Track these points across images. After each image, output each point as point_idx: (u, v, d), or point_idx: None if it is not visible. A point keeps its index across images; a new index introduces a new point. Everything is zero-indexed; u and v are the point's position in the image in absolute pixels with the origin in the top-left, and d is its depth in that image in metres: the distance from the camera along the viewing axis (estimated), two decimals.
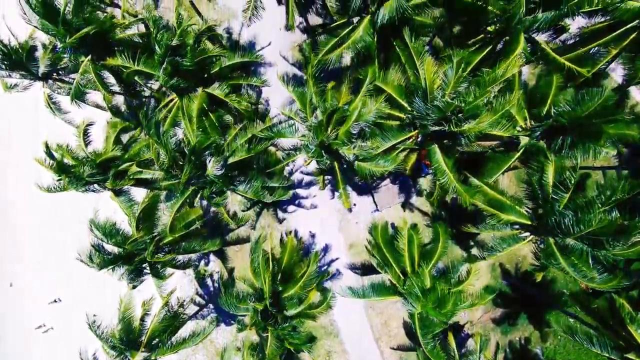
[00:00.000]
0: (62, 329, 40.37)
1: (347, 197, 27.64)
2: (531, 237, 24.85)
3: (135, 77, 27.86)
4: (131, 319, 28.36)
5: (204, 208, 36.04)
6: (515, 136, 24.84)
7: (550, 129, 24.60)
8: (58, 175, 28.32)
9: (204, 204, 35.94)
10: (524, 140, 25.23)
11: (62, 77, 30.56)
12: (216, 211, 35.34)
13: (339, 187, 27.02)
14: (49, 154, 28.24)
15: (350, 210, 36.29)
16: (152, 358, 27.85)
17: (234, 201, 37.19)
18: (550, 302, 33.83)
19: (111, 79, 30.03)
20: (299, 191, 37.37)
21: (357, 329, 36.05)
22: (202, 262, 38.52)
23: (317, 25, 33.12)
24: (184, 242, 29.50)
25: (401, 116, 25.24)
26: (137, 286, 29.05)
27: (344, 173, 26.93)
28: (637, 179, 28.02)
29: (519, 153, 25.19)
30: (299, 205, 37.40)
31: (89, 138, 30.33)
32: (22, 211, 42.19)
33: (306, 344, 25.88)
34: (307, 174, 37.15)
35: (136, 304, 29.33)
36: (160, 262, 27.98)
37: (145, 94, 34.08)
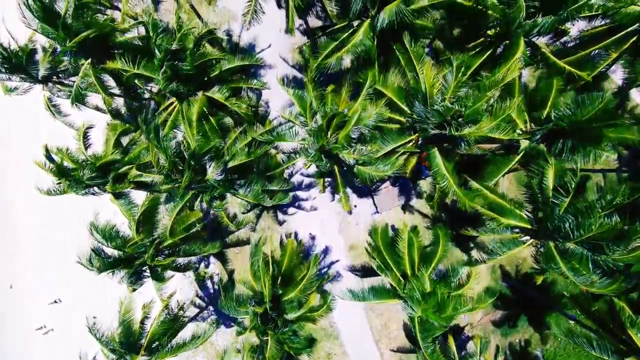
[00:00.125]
0: (62, 330, 40.29)
1: (347, 200, 27.62)
2: (531, 240, 24.82)
3: (135, 81, 27.80)
4: (131, 322, 28.31)
5: (204, 211, 35.98)
6: (516, 139, 24.82)
7: (550, 132, 24.59)
8: (58, 179, 28.30)
9: (203, 207, 35.92)
10: (524, 143, 25.20)
11: (62, 80, 30.55)
12: (216, 214, 35.31)
13: (339, 190, 27.00)
14: (49, 157, 28.22)
15: (350, 212, 36.28)
16: None
17: (234, 203, 37.15)
18: (550, 304, 33.80)
19: (111, 82, 29.99)
20: (299, 193, 37.35)
21: (357, 331, 36.00)
22: (202, 264, 38.48)
23: (317, 27, 33.05)
24: (184, 245, 29.50)
25: (401, 120, 25.18)
26: (137, 289, 29.02)
27: (344, 176, 26.89)
28: (637, 182, 28.11)
29: (519, 156, 25.14)
30: (299, 207, 37.39)
31: (88, 141, 30.28)
32: (22, 211, 42.05)
33: (306, 348, 25.87)
34: (307, 176, 37.12)
35: (136, 305, 29.18)
36: (160, 265, 27.94)
37: (146, 96, 34.07)
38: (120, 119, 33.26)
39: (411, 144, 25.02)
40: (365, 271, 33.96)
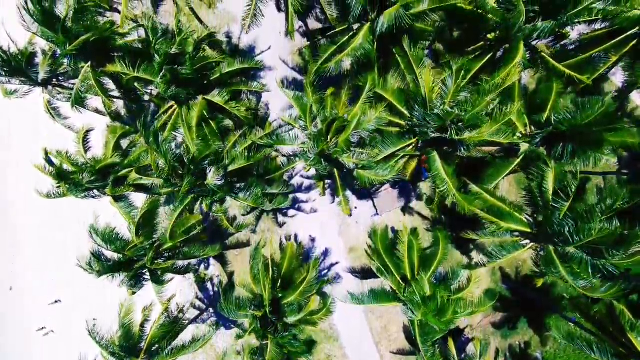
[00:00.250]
0: (62, 330, 40.28)
1: (347, 203, 27.59)
2: (531, 244, 24.78)
3: (135, 84, 27.74)
4: (131, 325, 28.29)
5: (204, 213, 35.96)
6: (516, 143, 24.79)
7: (550, 135, 24.55)
8: (57, 182, 28.27)
9: (203, 209, 35.91)
10: (524, 146, 25.14)
11: (62, 83, 30.46)
12: (216, 216, 35.28)
13: (339, 193, 26.97)
14: (48, 160, 28.18)
15: (350, 215, 36.26)
16: None
17: (233, 205, 37.08)
18: (550, 306, 33.77)
19: (111, 85, 29.94)
20: (299, 195, 37.31)
21: (357, 333, 35.99)
22: (202, 266, 38.47)
23: (317, 29, 32.97)
24: (183, 248, 29.46)
25: (401, 123, 25.15)
26: (137, 292, 28.98)
27: (344, 179, 26.84)
28: (637, 184, 28.04)
29: (519, 159, 25.13)
30: (299, 209, 37.35)
31: (88, 144, 30.23)
32: (22, 211, 41.98)
33: (306, 353, 25.86)
34: (307, 178, 37.08)
35: (136, 307, 29.16)
36: (160, 269, 27.91)
37: (145, 98, 34.02)
38: (120, 121, 33.23)
39: (411, 147, 24.98)
40: (365, 273, 33.96)
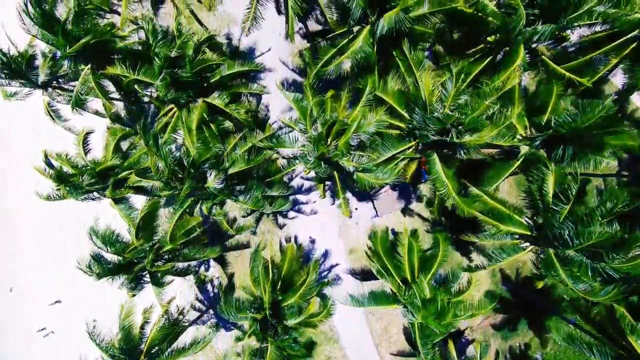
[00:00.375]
0: (62, 330, 40.28)
1: (347, 205, 27.57)
2: (531, 247, 24.77)
3: (135, 86, 27.72)
4: (131, 327, 28.25)
5: (204, 215, 35.99)
6: (516, 145, 24.77)
7: (550, 137, 24.53)
8: (57, 185, 28.26)
9: (203, 211, 35.92)
10: (524, 149, 25.13)
11: (62, 85, 30.41)
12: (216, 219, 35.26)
13: (338, 196, 26.96)
14: (48, 163, 28.18)
15: (350, 216, 36.24)
16: None
17: (233, 207, 37.11)
18: (550, 307, 33.76)
19: (111, 87, 29.92)
20: (299, 197, 37.29)
21: (357, 334, 35.98)
22: (202, 267, 38.44)
23: (317, 31, 32.92)
24: (183, 250, 29.46)
25: (401, 126, 25.12)
26: (137, 294, 28.97)
27: (344, 182, 26.83)
28: (637, 187, 28.04)
29: (519, 162, 25.12)
30: (299, 211, 37.32)
31: (88, 146, 30.22)
32: (22, 211, 41.91)
33: (306, 357, 25.85)
34: (307, 179, 37.05)
35: (137, 308, 28.93)
36: (160, 271, 27.92)
37: (145, 99, 33.99)
38: (120, 122, 33.19)
39: (411, 150, 24.95)
40: (365, 275, 34.00)
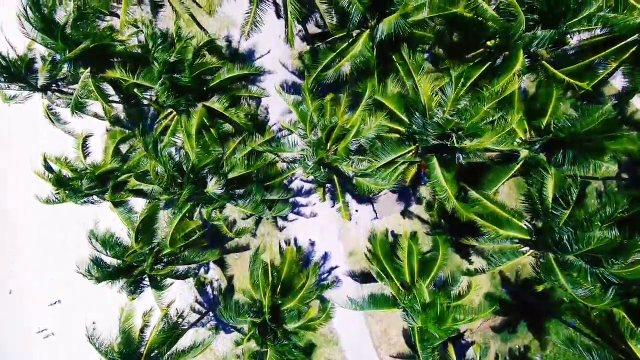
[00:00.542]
0: (62, 330, 40.28)
1: (347, 209, 27.56)
2: (531, 251, 24.77)
3: (135, 90, 27.67)
4: (131, 330, 28.27)
5: (204, 218, 35.96)
6: (515, 150, 24.76)
7: (550, 142, 24.51)
8: (56, 189, 28.26)
9: (203, 216, 35.90)
10: (524, 153, 25.11)
11: (62, 89, 30.43)
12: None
13: (338, 200, 26.95)
14: (48, 167, 28.17)
15: (350, 219, 36.21)
16: None
17: (233, 209, 37.05)
18: (550, 310, 33.74)
19: (110, 90, 29.86)
20: (299, 199, 37.25)
21: (357, 337, 35.95)
22: (202, 270, 38.42)
23: (316, 34, 32.90)
24: (183, 253, 29.45)
25: (401, 130, 25.10)
26: (137, 298, 28.97)
27: (344, 185, 26.82)
28: (637, 190, 28.00)
29: (519, 165, 25.10)
30: (299, 213, 37.30)
31: (88, 150, 30.24)
32: (22, 211, 41.85)
33: None
34: (307, 181, 37.02)
35: (137, 310, 29.04)
36: (159, 275, 27.91)
37: (145, 102, 33.95)
38: (120, 125, 33.14)
39: (411, 154, 24.94)
40: (365, 277, 33.99)
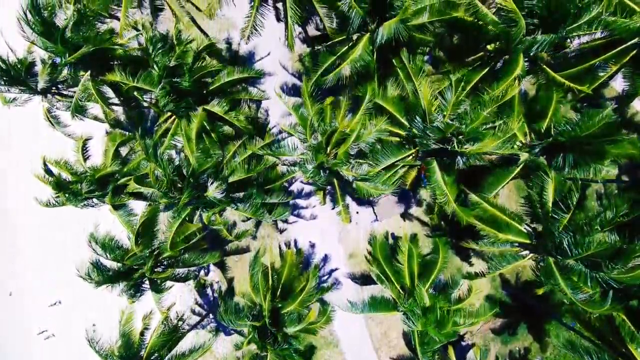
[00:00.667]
0: (62, 331, 40.34)
1: (347, 213, 27.55)
2: (531, 255, 24.76)
3: (135, 93, 27.63)
4: (131, 333, 28.27)
5: (203, 220, 36.00)
6: (515, 153, 24.75)
7: (550, 145, 24.49)
8: (56, 192, 28.25)
9: (203, 220, 35.91)
10: (524, 156, 25.09)
11: (61, 91, 30.38)
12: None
13: (338, 203, 26.93)
14: (47, 170, 28.16)
15: (350, 221, 36.19)
16: None
17: (233, 211, 37.04)
18: (550, 312, 33.73)
19: (110, 93, 29.81)
20: (299, 201, 37.24)
21: (356, 339, 35.95)
22: (202, 272, 38.41)
23: (316, 36, 32.80)
24: (183, 255, 29.46)
25: (401, 133, 25.08)
26: (137, 301, 28.96)
27: (344, 189, 26.81)
28: (637, 193, 27.96)
29: (519, 168, 25.09)
30: (298, 215, 37.28)
31: (87, 152, 30.23)
32: (22, 211, 41.79)
33: None
34: (307, 184, 36.98)
35: (137, 312, 29.07)
36: (159, 278, 27.91)
37: (145, 104, 33.92)
38: (120, 127, 33.11)
39: (411, 157, 24.92)
40: (365, 279, 34.07)
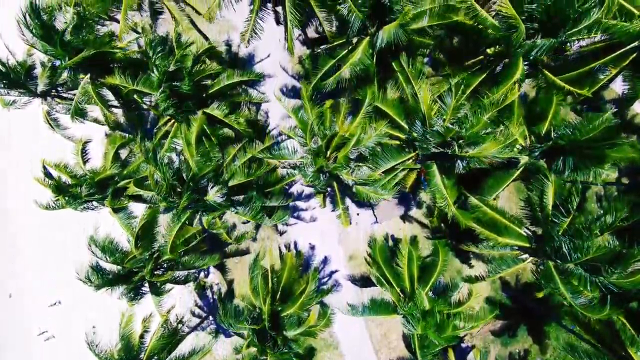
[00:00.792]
0: (62, 331, 40.33)
1: (347, 216, 27.54)
2: (531, 258, 24.76)
3: (135, 96, 27.63)
4: (130, 336, 28.27)
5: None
6: (515, 157, 24.74)
7: (550, 148, 24.47)
8: (56, 195, 28.26)
9: (203, 223, 35.93)
10: (524, 159, 25.09)
11: (61, 94, 30.38)
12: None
13: (338, 206, 26.92)
14: (47, 173, 28.15)
15: (350, 223, 36.17)
16: None
17: (232, 214, 37.06)
18: (550, 314, 33.72)
19: (110, 95, 29.81)
20: (299, 204, 37.24)
21: (356, 341, 35.93)
22: (202, 274, 38.43)
23: (316, 38, 32.77)
24: (183, 258, 29.44)
25: (401, 136, 25.07)
26: (136, 304, 28.97)
27: (343, 192, 26.79)
28: (636, 196, 27.96)
29: (519, 171, 25.08)
30: (298, 217, 37.28)
31: (87, 155, 30.24)
32: (22, 211, 41.74)
33: None
34: (307, 186, 36.96)
35: (137, 313, 29.05)
36: (159, 280, 27.92)
37: (145, 107, 33.92)
38: (120, 129, 33.12)
39: (411, 160, 24.91)
40: (364, 281, 34.03)
